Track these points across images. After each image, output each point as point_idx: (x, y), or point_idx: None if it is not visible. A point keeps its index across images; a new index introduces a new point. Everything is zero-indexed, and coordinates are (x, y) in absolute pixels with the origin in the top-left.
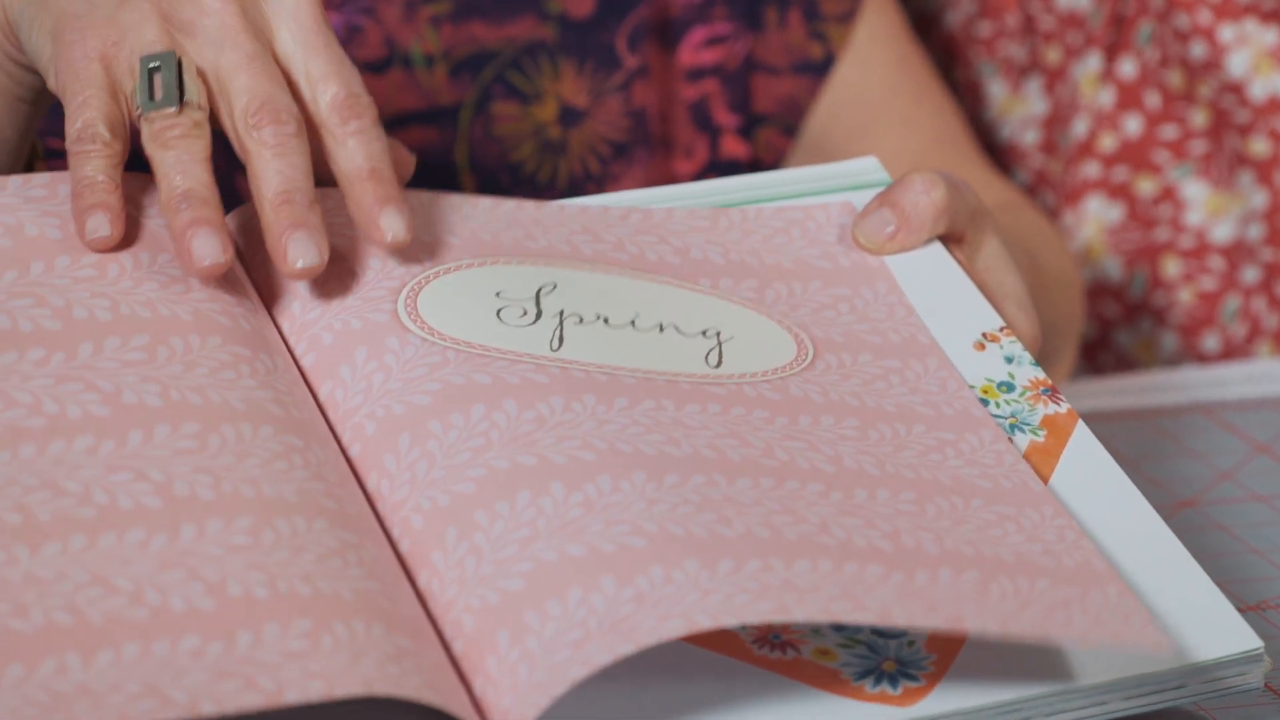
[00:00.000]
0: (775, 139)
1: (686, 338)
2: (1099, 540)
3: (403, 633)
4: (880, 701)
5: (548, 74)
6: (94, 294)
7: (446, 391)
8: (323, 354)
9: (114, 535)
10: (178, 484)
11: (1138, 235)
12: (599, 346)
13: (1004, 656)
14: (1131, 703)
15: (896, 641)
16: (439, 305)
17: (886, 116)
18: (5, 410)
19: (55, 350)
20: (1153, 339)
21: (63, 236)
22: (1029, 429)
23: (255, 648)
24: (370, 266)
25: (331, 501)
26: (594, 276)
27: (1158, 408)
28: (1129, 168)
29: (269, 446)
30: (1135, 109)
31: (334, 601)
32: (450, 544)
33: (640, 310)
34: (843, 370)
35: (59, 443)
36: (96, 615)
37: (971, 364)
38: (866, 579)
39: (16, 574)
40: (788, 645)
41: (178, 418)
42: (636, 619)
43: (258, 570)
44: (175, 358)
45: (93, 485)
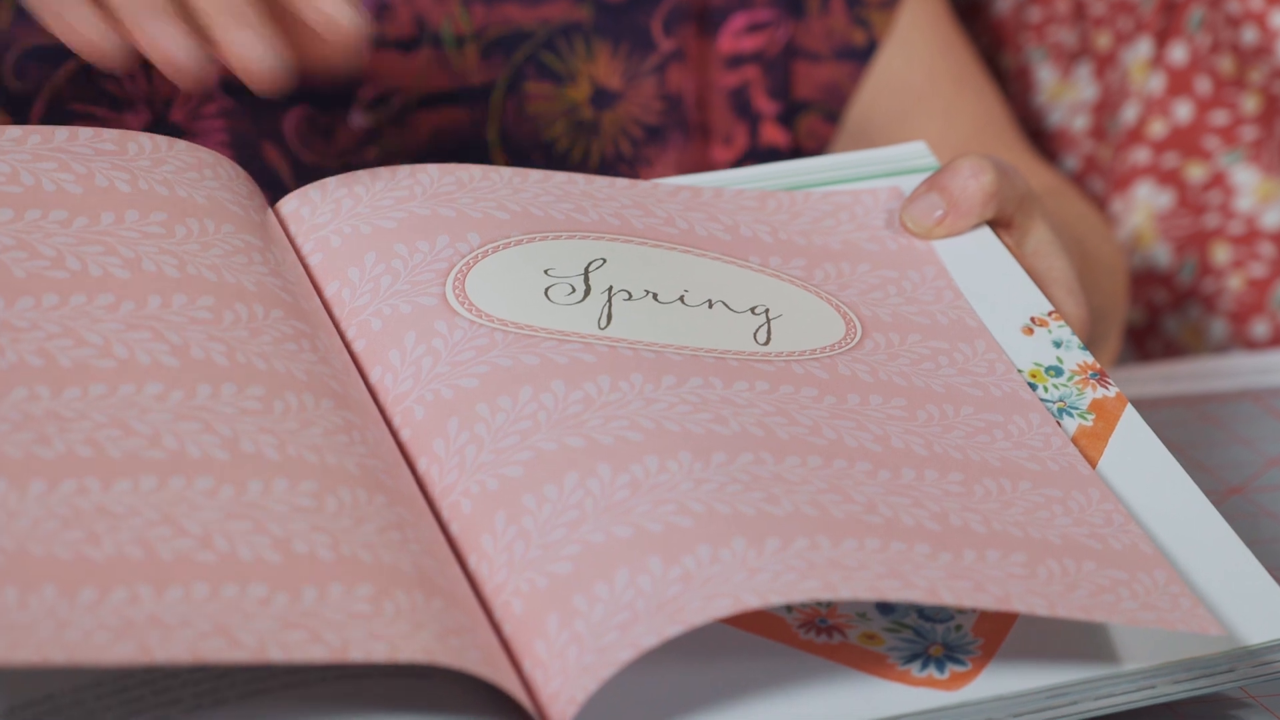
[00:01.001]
0: (818, 126)
1: (735, 314)
2: (1147, 524)
3: (460, 611)
4: (927, 685)
5: (581, 55)
6: (162, 250)
7: (494, 374)
8: (373, 340)
9: (183, 480)
10: (244, 441)
11: (1187, 221)
12: (647, 323)
13: (1051, 641)
14: (1179, 686)
15: (944, 626)
16: (487, 286)
17: (929, 103)
18: (75, 349)
19: (125, 298)
20: (1201, 325)
21: (132, 191)
22: (1077, 413)
23: (320, 603)
24: (419, 249)
25: (390, 480)
26: (644, 251)
27: (1206, 394)
28: (1179, 154)
29: (331, 419)
30: (1185, 95)
31: (395, 571)
32: (499, 528)
33: (689, 286)
34: (891, 350)
35: (129, 385)
36: (167, 553)
37: (1020, 348)
38: (914, 558)
39: (88, 504)
40: (834, 630)
41: (244, 379)
42: (684, 599)
43: (322, 532)
44: (240, 323)
45: (162, 430)
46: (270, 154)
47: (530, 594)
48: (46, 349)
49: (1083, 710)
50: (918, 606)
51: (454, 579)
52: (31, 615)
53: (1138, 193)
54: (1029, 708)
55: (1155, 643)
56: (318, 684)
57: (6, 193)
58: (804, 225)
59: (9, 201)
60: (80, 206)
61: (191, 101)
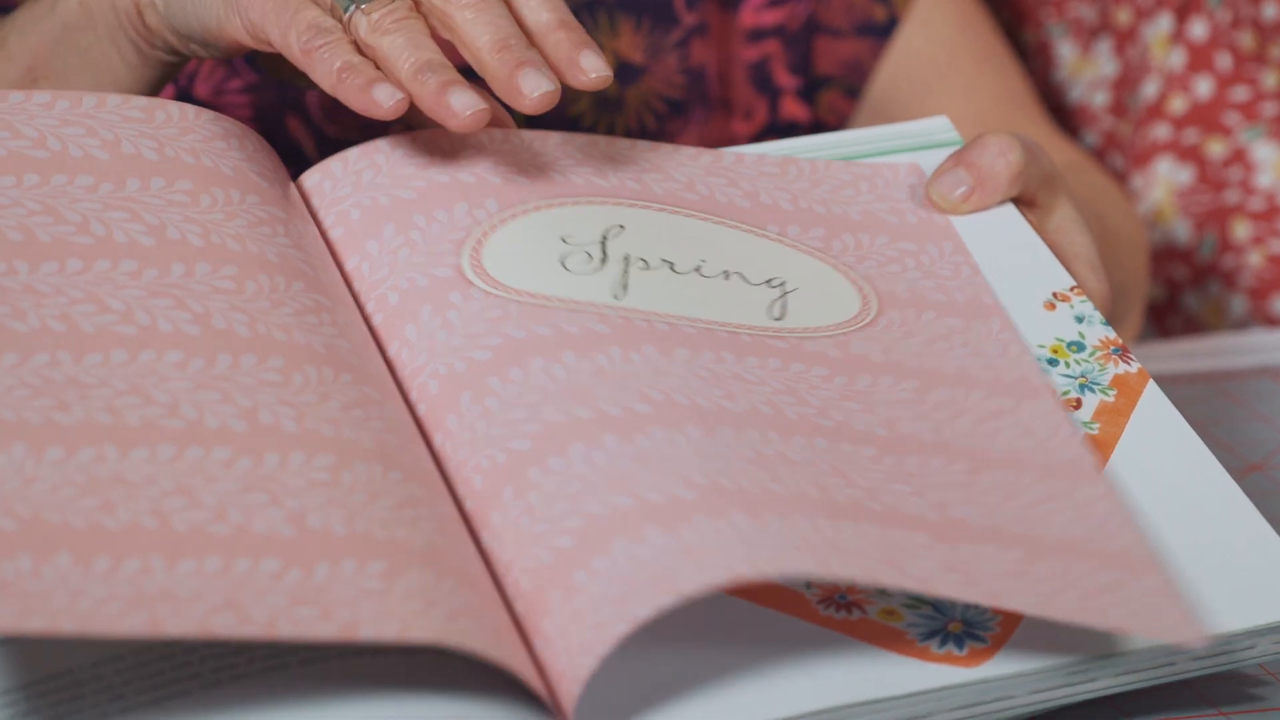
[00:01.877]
0: (838, 101)
1: (751, 287)
2: (1168, 499)
3: (471, 590)
4: (946, 662)
5: (605, 30)
6: (186, 218)
7: (507, 345)
8: (390, 314)
9: (201, 451)
10: (263, 412)
11: (1207, 198)
12: (663, 294)
13: None
14: (1198, 664)
15: (962, 603)
16: (503, 255)
17: (950, 78)
18: (98, 315)
19: (148, 265)
20: (1221, 302)
21: (159, 159)
22: (1099, 388)
23: (332, 580)
24: (436, 219)
25: (406, 456)
26: (662, 218)
27: (1226, 371)
28: (1199, 130)
29: (349, 393)
30: (1206, 70)
31: (407, 549)
32: (507, 503)
33: (706, 256)
34: (905, 328)
35: (149, 352)
36: (181, 524)
37: (1042, 323)
38: (911, 547)
39: (105, 471)
40: (853, 605)
41: (265, 350)
42: (679, 570)
43: (337, 507)
44: (262, 294)
45: (181, 399)
46: (294, 127)
47: (536, 570)
48: (69, 314)
49: (1101, 687)
50: None
51: (467, 557)
52: (45, 583)
53: (1158, 169)
54: (1047, 684)
55: (1176, 618)
56: (336, 659)
57: (33, 158)
58: (824, 194)
59: (35, 166)
60: (106, 172)
61: (216, 75)
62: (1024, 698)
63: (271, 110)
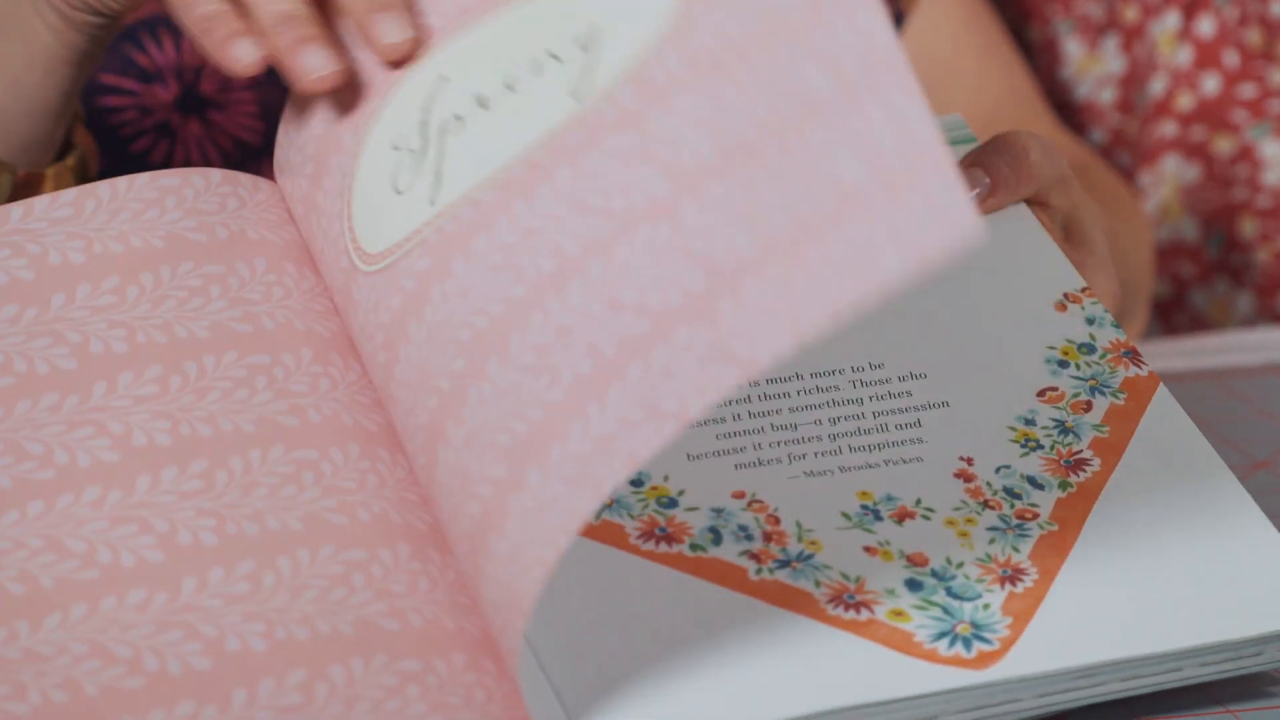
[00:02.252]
0: None
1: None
2: (1176, 505)
3: (409, 654)
4: (954, 664)
5: None
6: (111, 324)
7: (387, 338)
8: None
9: (115, 599)
10: (181, 533)
11: (1214, 195)
12: (476, 154)
13: (1080, 621)
14: (1207, 669)
15: (971, 604)
16: (366, 215)
17: (955, 74)
18: (16, 465)
19: (69, 393)
20: (1229, 299)
21: (86, 260)
22: (1109, 391)
23: (249, 706)
24: (326, 189)
25: (342, 516)
26: (475, 33)
27: (1233, 368)
28: (1206, 127)
29: (278, 470)
30: (1213, 68)
31: (332, 641)
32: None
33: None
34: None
35: (67, 496)
36: (92, 689)
37: (1052, 324)
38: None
39: (15, 652)
40: (861, 605)
41: (186, 457)
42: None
43: (257, 620)
44: (188, 386)
45: (97, 542)
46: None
47: (478, 511)
48: None
49: (1109, 692)
50: (948, 584)
51: (416, 607)
52: None
53: (1165, 166)
54: (1055, 688)
55: (1186, 624)
56: None
57: None
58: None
59: None
60: (31, 296)
61: (221, 73)
62: (1031, 701)
63: (276, 106)
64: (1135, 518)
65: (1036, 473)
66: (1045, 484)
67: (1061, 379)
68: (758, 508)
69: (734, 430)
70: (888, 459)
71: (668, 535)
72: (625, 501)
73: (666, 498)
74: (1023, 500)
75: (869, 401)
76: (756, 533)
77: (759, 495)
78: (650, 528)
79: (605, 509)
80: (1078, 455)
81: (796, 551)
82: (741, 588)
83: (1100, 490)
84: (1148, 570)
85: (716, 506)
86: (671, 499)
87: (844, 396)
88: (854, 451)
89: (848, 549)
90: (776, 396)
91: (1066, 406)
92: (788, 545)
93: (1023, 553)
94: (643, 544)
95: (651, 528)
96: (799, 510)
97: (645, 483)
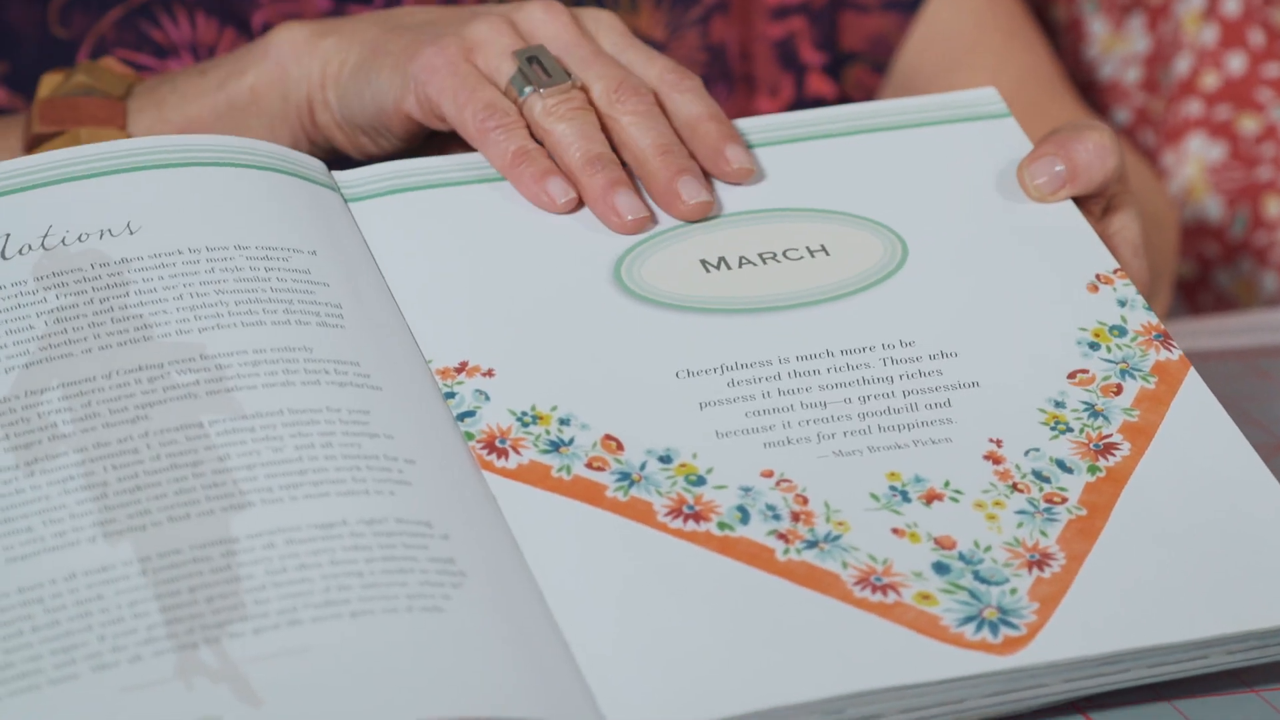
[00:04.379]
0: (865, 77)
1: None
2: (1205, 492)
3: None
4: (980, 649)
5: (625, 7)
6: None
7: None
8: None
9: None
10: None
11: (1239, 174)
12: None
13: (1107, 607)
14: (1233, 657)
15: (999, 589)
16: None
17: (977, 53)
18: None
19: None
20: (1253, 279)
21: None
22: (1140, 375)
23: None
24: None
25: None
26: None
27: (1258, 348)
28: (1231, 106)
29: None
30: (1238, 47)
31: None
32: None
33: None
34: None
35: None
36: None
37: (1084, 305)
38: None
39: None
40: (889, 588)
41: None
42: None
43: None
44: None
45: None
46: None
47: None
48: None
49: (1135, 678)
50: (975, 567)
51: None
52: None
53: (1190, 145)
54: (1081, 674)
55: (1215, 611)
56: None
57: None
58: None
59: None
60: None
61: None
62: (1057, 686)
63: None
64: (1164, 504)
65: (1066, 456)
66: (1074, 468)
67: (1092, 361)
68: (786, 487)
69: (763, 408)
70: (917, 439)
71: (696, 514)
72: (654, 478)
73: (695, 475)
74: (1051, 484)
75: (899, 380)
76: (784, 512)
77: (787, 474)
78: (679, 505)
79: (633, 485)
80: (1107, 439)
81: (824, 532)
82: (770, 568)
83: (1129, 475)
84: (1176, 557)
85: (745, 485)
86: (700, 476)
87: (874, 374)
88: (883, 431)
89: (876, 530)
90: (807, 374)
91: (1097, 389)
92: (815, 526)
93: (1050, 537)
94: (670, 522)
95: (680, 505)
96: (827, 490)
97: (674, 460)
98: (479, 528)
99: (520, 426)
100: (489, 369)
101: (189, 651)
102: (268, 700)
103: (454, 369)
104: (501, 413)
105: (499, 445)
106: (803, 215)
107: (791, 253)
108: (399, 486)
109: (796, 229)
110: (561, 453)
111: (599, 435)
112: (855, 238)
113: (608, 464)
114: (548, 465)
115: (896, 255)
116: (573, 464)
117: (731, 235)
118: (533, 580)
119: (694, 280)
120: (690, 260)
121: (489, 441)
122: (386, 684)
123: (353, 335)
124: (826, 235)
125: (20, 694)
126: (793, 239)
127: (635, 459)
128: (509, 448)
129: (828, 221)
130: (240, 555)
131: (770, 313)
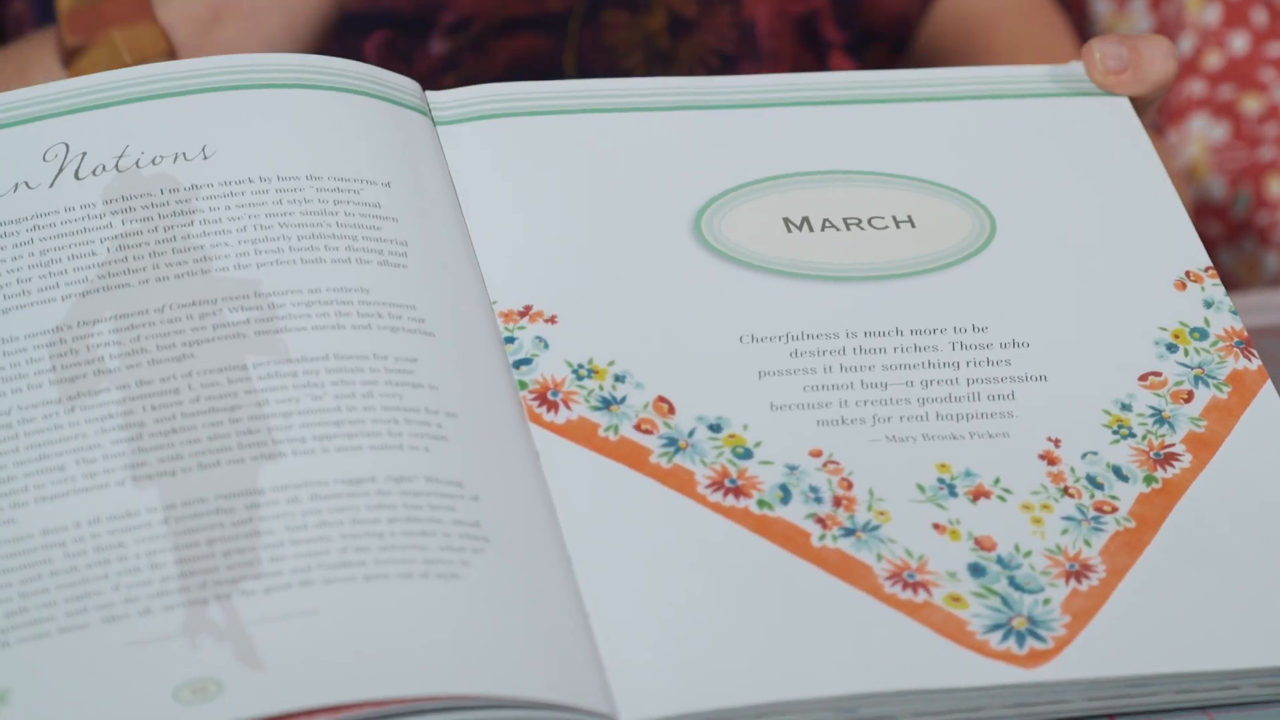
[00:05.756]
0: (885, 56)
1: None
2: (1263, 514)
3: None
4: (1003, 660)
5: None
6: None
7: None
8: None
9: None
10: None
11: (1242, 154)
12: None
13: (1140, 628)
14: (1266, 690)
15: (1032, 598)
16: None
17: (997, 32)
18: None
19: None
20: (1256, 259)
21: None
22: (1214, 383)
23: None
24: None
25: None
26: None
27: (1260, 328)
28: (1234, 86)
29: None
30: (1241, 26)
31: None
32: None
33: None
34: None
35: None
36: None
37: (1169, 303)
38: None
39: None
40: (920, 586)
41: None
42: None
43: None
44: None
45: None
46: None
47: None
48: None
49: (1161, 702)
50: (1011, 573)
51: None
52: None
53: (1192, 125)
54: (1104, 694)
55: (1253, 643)
56: None
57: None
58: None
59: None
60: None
61: None
62: (1079, 704)
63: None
64: (1216, 523)
65: (1124, 463)
66: (1130, 476)
67: (1167, 363)
68: (833, 469)
69: (823, 383)
70: (974, 431)
71: (737, 488)
72: (700, 447)
73: (743, 448)
74: (1104, 491)
75: (965, 367)
76: (827, 495)
77: (836, 456)
78: (721, 478)
79: (679, 452)
80: (1169, 449)
81: (864, 521)
82: (803, 553)
83: (1185, 489)
84: (1218, 580)
85: (791, 463)
86: (747, 450)
87: (941, 359)
88: (940, 420)
89: (917, 524)
90: (872, 351)
91: (1167, 394)
92: (856, 513)
93: (1094, 548)
94: (710, 494)
95: (722, 479)
96: (874, 477)
97: (723, 429)
98: (512, 489)
99: (575, 379)
100: (552, 315)
101: (198, 608)
102: (268, 665)
103: (518, 312)
104: (558, 363)
105: (550, 398)
106: (894, 182)
107: (877, 220)
108: (434, 442)
109: (886, 195)
110: (612, 410)
111: (652, 396)
112: (944, 210)
113: (656, 427)
114: (596, 423)
115: (984, 234)
116: (621, 424)
117: (818, 195)
118: (560, 545)
119: (774, 239)
120: (773, 216)
121: (541, 393)
122: (387, 655)
123: (414, 275)
124: (915, 205)
125: (29, 641)
126: (880, 206)
127: (685, 425)
128: (560, 401)
129: (918, 191)
130: (263, 509)
131: (845, 283)
